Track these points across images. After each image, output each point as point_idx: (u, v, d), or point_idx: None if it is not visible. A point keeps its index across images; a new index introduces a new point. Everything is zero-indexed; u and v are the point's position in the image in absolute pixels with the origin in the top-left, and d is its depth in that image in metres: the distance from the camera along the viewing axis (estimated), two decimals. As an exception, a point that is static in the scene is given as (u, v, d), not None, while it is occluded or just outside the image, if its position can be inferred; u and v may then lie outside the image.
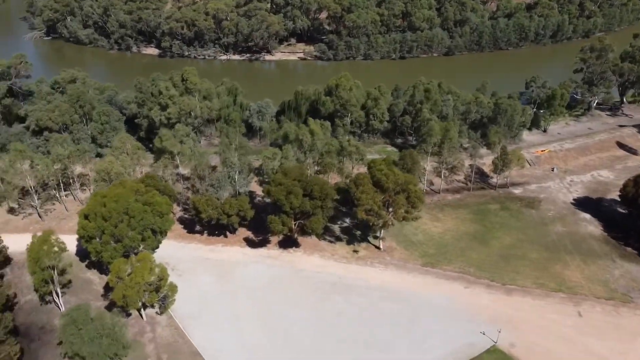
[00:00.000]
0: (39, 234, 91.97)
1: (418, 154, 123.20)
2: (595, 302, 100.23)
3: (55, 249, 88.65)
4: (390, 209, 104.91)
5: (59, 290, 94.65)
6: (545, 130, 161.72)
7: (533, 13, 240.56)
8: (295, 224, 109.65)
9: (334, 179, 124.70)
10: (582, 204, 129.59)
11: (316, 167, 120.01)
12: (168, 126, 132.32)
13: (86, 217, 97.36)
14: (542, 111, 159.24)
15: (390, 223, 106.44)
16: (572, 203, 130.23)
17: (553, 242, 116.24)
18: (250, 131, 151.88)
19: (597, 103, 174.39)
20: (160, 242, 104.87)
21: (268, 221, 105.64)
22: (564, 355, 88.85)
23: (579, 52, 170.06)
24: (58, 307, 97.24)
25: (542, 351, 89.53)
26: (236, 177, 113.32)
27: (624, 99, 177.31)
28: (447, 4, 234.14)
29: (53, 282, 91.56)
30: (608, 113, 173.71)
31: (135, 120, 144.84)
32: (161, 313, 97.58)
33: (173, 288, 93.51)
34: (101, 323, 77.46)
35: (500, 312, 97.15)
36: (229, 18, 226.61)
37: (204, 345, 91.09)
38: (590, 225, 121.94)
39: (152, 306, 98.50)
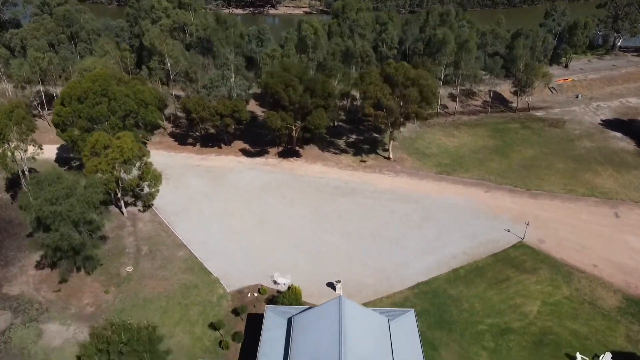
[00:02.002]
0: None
1: (432, 65, 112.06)
2: (633, 206, 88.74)
3: (24, 124, 78.56)
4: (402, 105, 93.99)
5: (27, 173, 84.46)
6: (566, 66, 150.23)
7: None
8: (295, 129, 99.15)
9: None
10: (612, 124, 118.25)
11: (320, 75, 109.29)
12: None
13: (62, 103, 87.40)
14: (563, 45, 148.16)
15: (401, 121, 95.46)
16: (599, 123, 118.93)
17: (581, 155, 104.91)
18: (250, 63, 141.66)
19: (619, 47, 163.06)
20: (145, 140, 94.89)
21: (266, 117, 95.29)
22: (601, 250, 77.36)
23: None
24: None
25: (576, 247, 78.09)
26: (232, 77, 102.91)
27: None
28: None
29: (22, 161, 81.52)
30: (634, 53, 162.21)
31: (126, 42, 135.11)
32: (144, 210, 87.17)
33: (157, 177, 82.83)
34: (72, 182, 66.68)
35: (527, 212, 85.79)
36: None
37: (189, 238, 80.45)
38: (622, 142, 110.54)
39: (135, 204, 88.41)
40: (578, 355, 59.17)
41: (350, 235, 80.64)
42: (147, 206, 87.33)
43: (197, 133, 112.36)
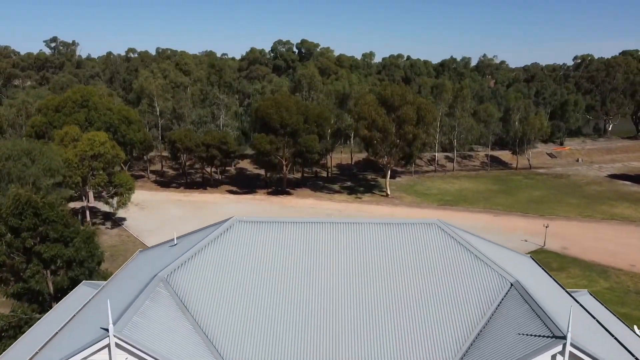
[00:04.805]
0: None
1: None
2: (660, 226, 79.60)
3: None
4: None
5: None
6: (561, 144, 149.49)
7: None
8: (286, 161, 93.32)
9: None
10: (619, 177, 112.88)
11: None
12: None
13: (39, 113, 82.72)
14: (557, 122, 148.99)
15: (398, 144, 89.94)
16: (606, 176, 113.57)
17: (592, 195, 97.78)
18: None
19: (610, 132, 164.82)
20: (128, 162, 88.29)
21: (253, 140, 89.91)
22: (636, 255, 66.81)
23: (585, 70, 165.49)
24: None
25: (605, 253, 67.58)
26: (222, 115, 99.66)
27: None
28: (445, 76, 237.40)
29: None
30: (625, 137, 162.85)
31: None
32: (112, 227, 77.48)
33: (129, 185, 74.88)
34: (30, 147, 58.50)
35: (543, 230, 76.28)
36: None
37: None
38: (633, 187, 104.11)
39: (103, 223, 78.96)
40: (636, 328, 46.51)
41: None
42: (117, 224, 78.13)
43: (182, 181, 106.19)
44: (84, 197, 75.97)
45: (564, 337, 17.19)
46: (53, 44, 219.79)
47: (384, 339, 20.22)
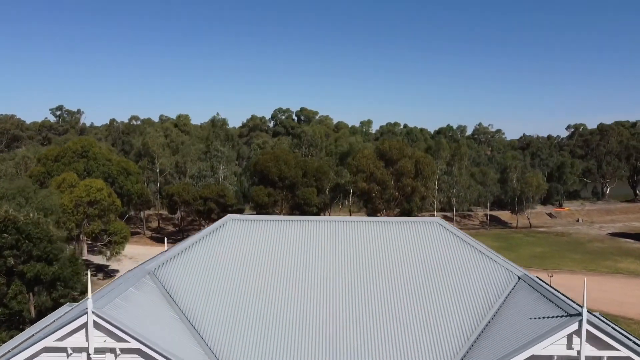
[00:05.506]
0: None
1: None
2: (668, 280, 77.52)
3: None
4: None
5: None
6: (560, 205, 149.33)
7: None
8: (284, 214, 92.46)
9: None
10: (621, 235, 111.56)
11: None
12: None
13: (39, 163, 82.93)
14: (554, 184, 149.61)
15: (397, 197, 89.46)
16: (607, 234, 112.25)
17: (595, 251, 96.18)
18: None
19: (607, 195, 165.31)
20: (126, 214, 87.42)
21: (251, 192, 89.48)
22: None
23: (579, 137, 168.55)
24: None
25: (613, 303, 65.42)
26: (221, 169, 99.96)
27: (638, 192, 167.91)
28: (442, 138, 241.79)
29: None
30: (623, 201, 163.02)
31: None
32: (104, 277, 75.30)
33: (124, 234, 73.65)
34: (24, 185, 57.92)
35: (547, 281, 74.15)
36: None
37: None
38: (636, 244, 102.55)
39: (95, 274, 76.82)
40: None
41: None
42: (109, 275, 76.02)
43: (178, 237, 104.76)
44: (76, 247, 74.43)
45: (580, 314, 15.92)
46: (58, 112, 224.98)
47: (385, 335, 18.80)
